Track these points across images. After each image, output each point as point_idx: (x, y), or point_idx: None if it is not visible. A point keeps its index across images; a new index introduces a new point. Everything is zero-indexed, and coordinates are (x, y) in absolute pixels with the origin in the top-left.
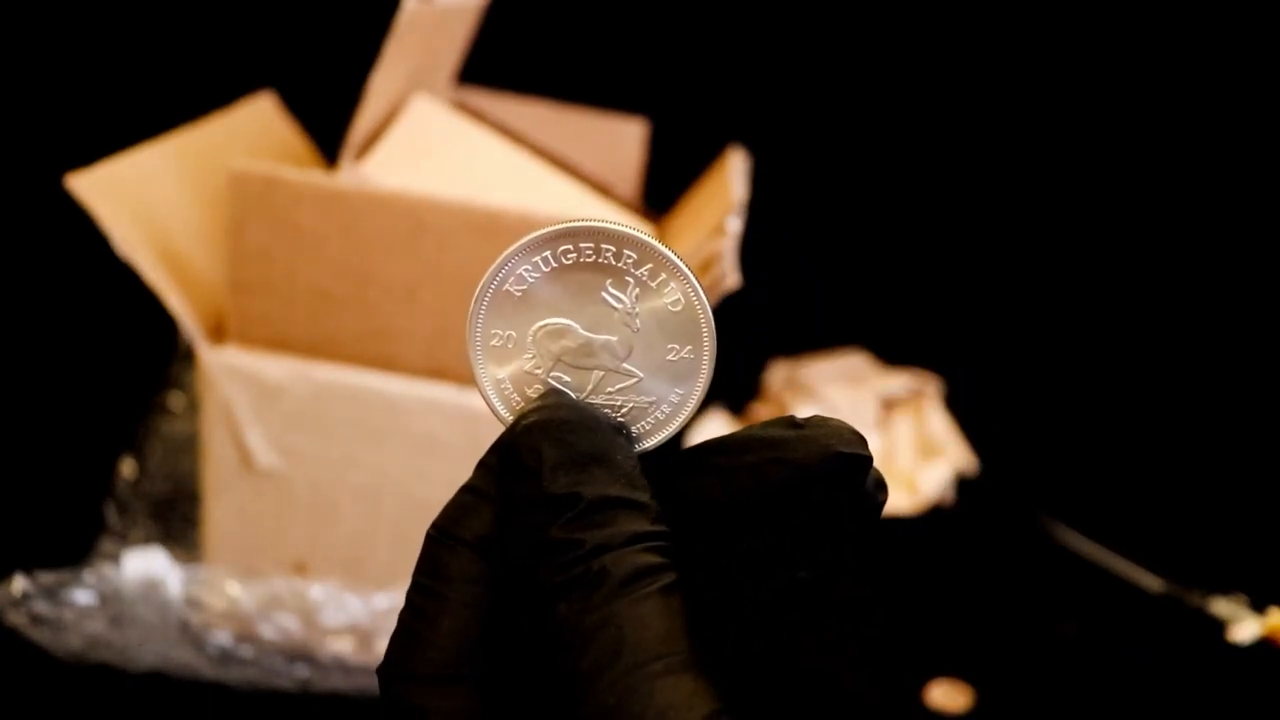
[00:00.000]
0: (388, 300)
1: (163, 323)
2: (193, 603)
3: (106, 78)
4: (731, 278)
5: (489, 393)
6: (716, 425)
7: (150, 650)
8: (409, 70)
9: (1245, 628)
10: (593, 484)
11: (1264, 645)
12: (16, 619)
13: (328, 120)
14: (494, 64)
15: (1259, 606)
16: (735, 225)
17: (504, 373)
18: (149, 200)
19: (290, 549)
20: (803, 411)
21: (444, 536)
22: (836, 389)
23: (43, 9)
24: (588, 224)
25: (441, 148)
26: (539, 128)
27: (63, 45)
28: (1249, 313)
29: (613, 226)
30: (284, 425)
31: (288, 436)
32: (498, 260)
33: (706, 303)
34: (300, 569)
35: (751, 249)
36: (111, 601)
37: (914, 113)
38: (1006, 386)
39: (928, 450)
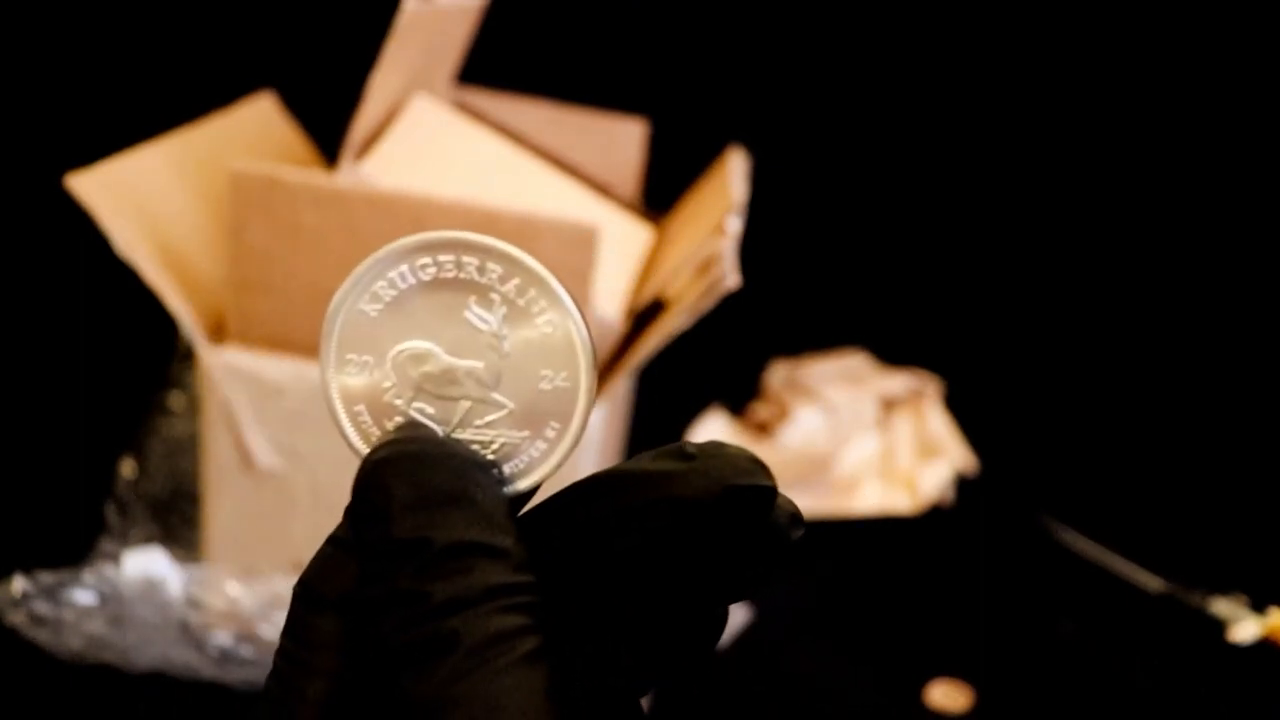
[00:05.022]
0: None
1: (163, 323)
2: (193, 603)
3: (106, 78)
4: (731, 278)
5: (345, 425)
6: (717, 425)
7: (150, 650)
8: (409, 70)
9: (1245, 628)
10: (446, 527)
11: (1264, 645)
12: (16, 619)
13: (328, 120)
14: (494, 64)
15: (1259, 606)
16: (735, 225)
17: (360, 403)
18: (149, 200)
19: (290, 549)
20: (803, 411)
21: (308, 594)
22: (836, 389)
23: (43, 9)
24: (447, 236)
25: (441, 148)
26: (539, 128)
27: (63, 45)
28: (1249, 313)
29: (473, 237)
30: (284, 425)
31: (288, 436)
32: (351, 276)
33: (583, 323)
34: (300, 569)
35: (751, 249)
36: (111, 601)
37: (914, 113)
38: (1006, 386)
39: (928, 450)
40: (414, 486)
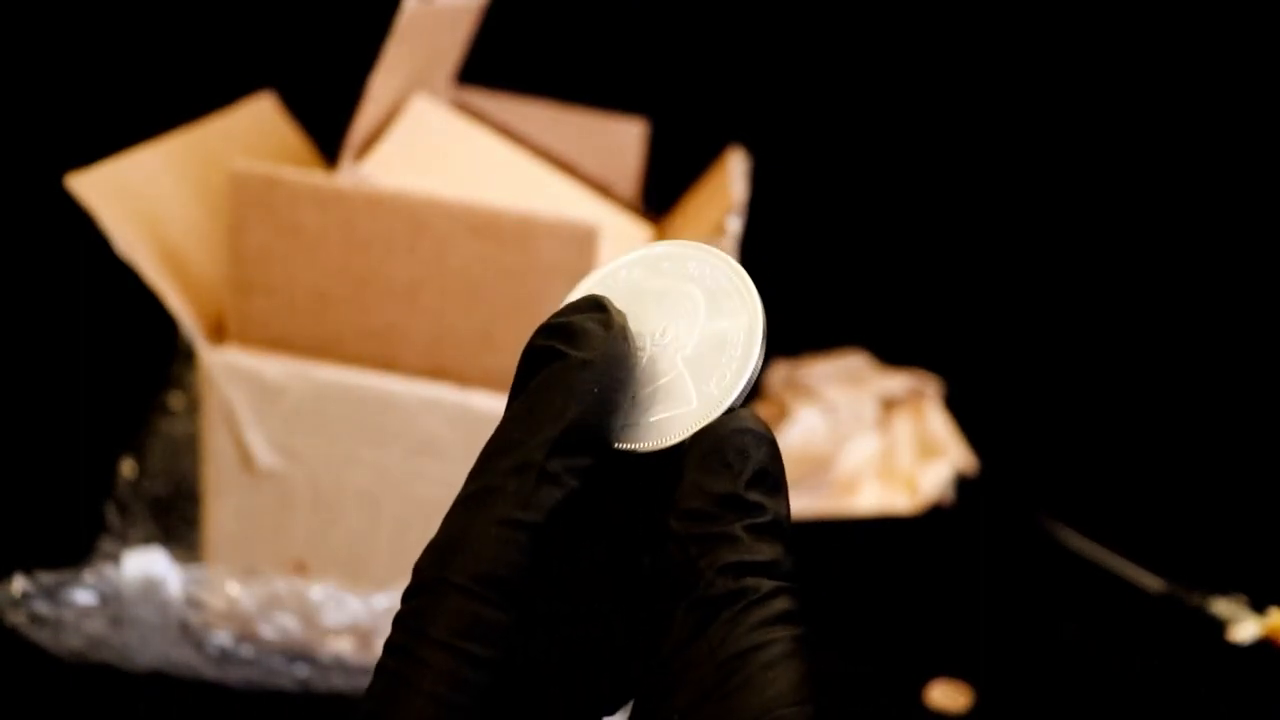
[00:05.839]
0: (388, 300)
1: (163, 323)
2: (193, 603)
3: (106, 78)
4: None
5: (750, 367)
6: None
7: (150, 650)
8: (409, 70)
9: (1245, 628)
10: (776, 505)
11: (1264, 645)
12: (16, 619)
13: (328, 120)
14: (494, 64)
15: (1259, 606)
16: (735, 225)
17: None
18: (149, 200)
19: (290, 549)
20: (803, 411)
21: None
22: (836, 389)
23: (43, 9)
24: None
25: (441, 148)
26: (539, 128)
27: (63, 45)
28: (1249, 313)
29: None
30: (284, 425)
31: (288, 436)
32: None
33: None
34: (300, 569)
35: (751, 249)
36: (111, 601)
37: (914, 113)
38: (1006, 386)
39: (928, 450)
40: (765, 460)
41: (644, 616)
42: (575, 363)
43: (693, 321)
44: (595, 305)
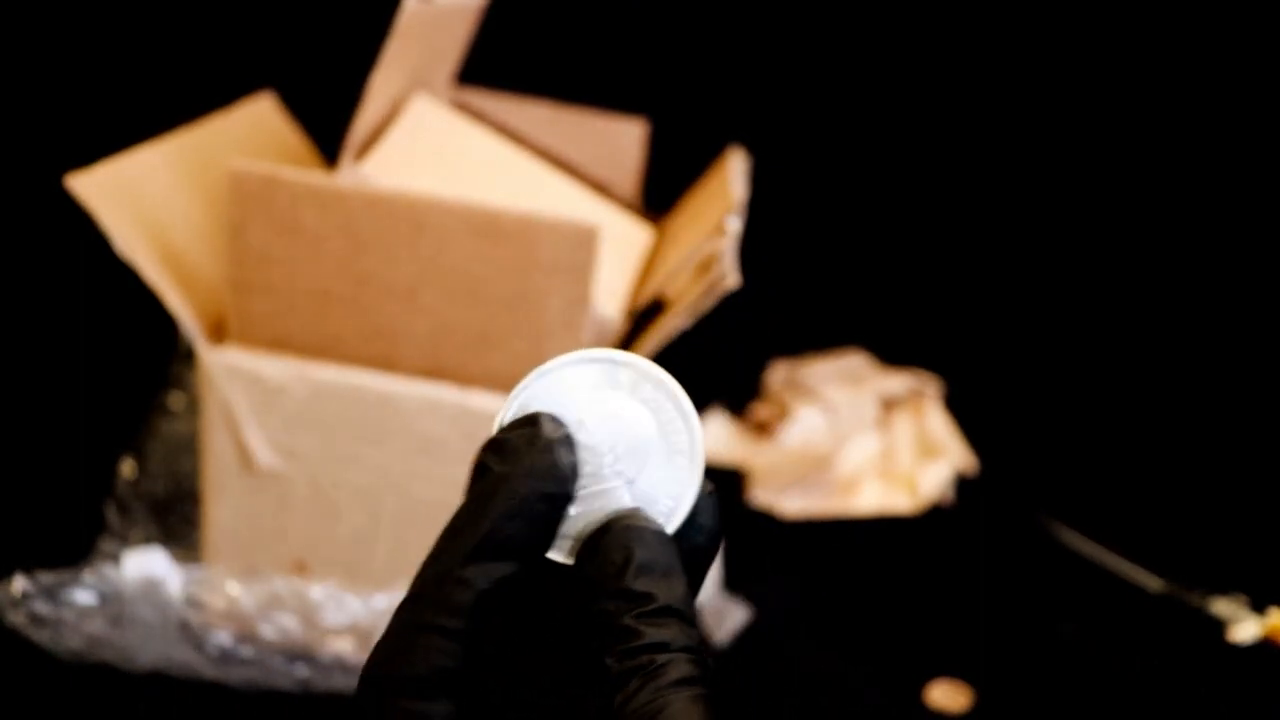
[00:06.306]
0: (388, 300)
1: (163, 323)
2: (193, 603)
3: (106, 78)
4: (731, 277)
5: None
6: (716, 425)
7: (150, 650)
8: (409, 70)
9: (1245, 628)
10: (665, 591)
11: (1264, 645)
12: (16, 619)
13: (328, 120)
14: (494, 64)
15: (1259, 606)
16: (735, 225)
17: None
18: (149, 200)
19: (290, 549)
20: (803, 411)
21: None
22: (836, 389)
23: (43, 9)
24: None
25: (441, 148)
26: (539, 128)
27: (63, 45)
28: (1249, 313)
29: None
30: (284, 425)
31: (288, 436)
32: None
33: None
34: (300, 569)
35: (751, 249)
36: (111, 601)
37: (914, 113)
38: (1006, 386)
39: (928, 450)
40: (647, 553)
41: (582, 699)
42: (495, 477)
43: (643, 444)
44: (529, 421)
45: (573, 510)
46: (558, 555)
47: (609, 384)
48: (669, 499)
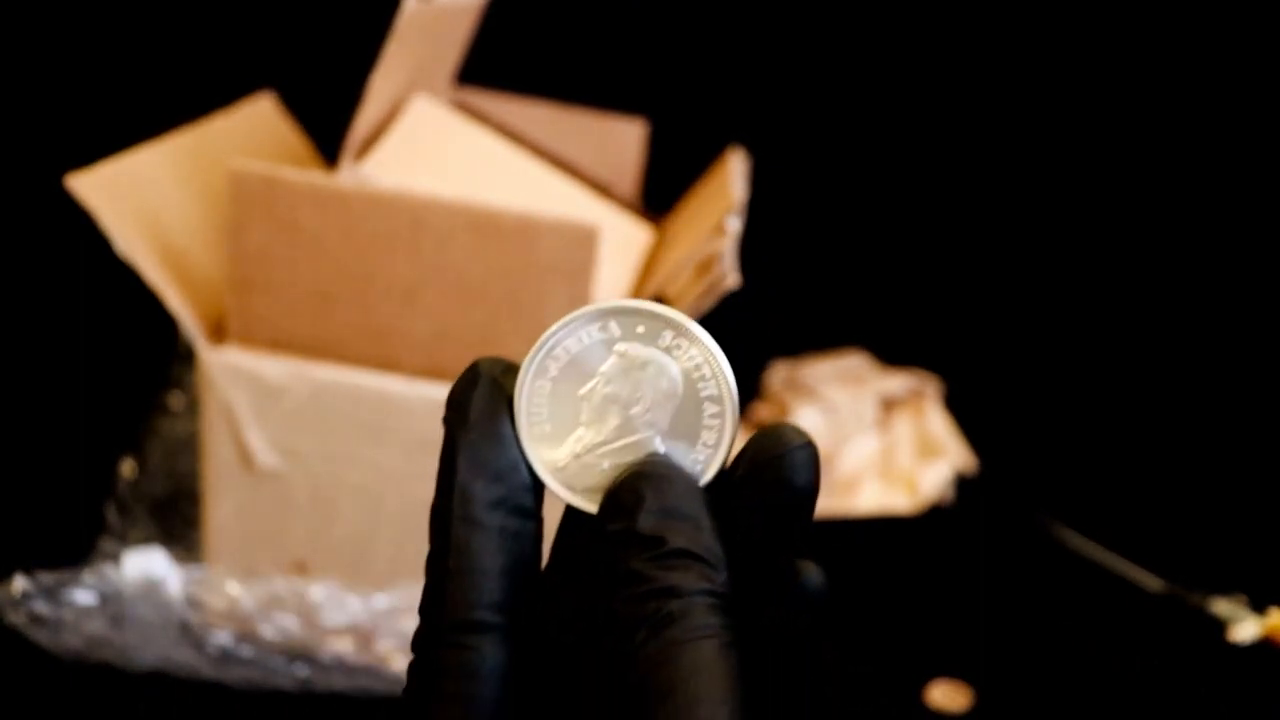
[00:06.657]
0: (388, 300)
1: (163, 323)
2: (193, 603)
3: (106, 78)
4: (731, 278)
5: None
6: None
7: (150, 650)
8: (409, 70)
9: (1245, 628)
10: (680, 535)
11: (1264, 645)
12: (16, 619)
13: (328, 120)
14: (494, 64)
15: (1259, 606)
16: (735, 225)
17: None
18: (149, 200)
19: (290, 549)
20: (803, 411)
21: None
22: (836, 389)
23: (43, 9)
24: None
25: (441, 148)
26: (539, 128)
27: (63, 45)
28: (1249, 313)
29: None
30: (284, 425)
31: (288, 436)
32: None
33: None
34: (300, 569)
35: (751, 249)
36: (111, 601)
37: (914, 113)
38: (1006, 386)
39: (928, 450)
40: (660, 497)
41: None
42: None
43: (670, 393)
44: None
45: (605, 464)
46: (590, 507)
47: (627, 334)
48: (706, 447)
